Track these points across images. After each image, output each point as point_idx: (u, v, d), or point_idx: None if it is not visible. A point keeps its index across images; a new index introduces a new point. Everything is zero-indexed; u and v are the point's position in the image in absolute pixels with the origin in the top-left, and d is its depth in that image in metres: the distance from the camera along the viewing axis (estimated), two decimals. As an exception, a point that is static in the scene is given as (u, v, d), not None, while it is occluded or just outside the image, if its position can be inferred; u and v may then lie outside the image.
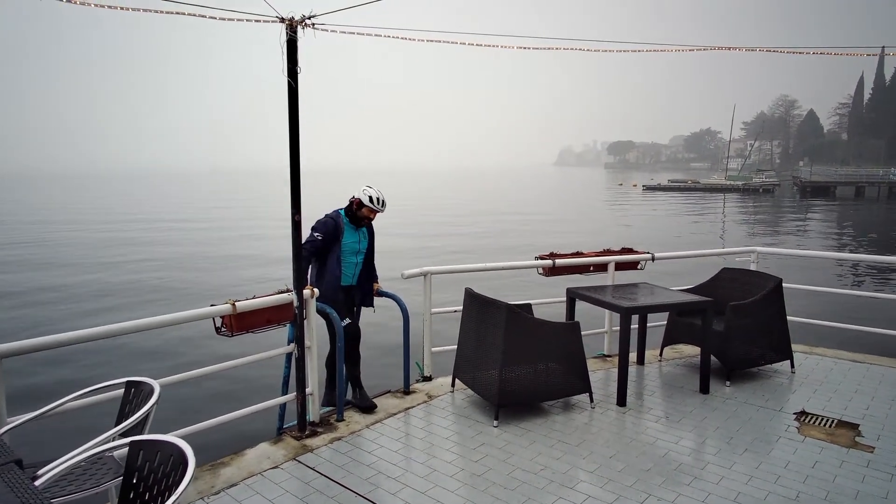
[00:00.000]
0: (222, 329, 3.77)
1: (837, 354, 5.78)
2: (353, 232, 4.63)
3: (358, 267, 4.70)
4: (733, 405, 4.55)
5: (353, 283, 4.70)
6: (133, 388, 2.79)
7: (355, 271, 4.69)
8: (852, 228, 33.43)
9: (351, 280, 4.67)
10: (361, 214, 4.58)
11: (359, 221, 4.61)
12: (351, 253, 4.62)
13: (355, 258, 4.67)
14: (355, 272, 4.69)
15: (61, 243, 23.13)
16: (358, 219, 4.60)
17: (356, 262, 4.68)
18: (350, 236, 4.61)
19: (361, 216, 4.59)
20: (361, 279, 4.74)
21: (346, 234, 4.58)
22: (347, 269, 4.62)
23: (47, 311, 12.44)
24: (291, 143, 3.76)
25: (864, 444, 3.89)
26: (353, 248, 4.63)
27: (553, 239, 24.20)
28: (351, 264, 4.64)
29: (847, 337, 6.25)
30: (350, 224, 4.61)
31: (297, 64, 3.67)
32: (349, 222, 4.60)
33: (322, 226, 4.54)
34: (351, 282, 4.67)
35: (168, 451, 2.12)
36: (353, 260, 4.66)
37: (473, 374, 4.50)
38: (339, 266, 4.55)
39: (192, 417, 3.79)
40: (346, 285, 4.64)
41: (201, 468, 3.55)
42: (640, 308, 4.65)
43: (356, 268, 4.69)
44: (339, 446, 3.90)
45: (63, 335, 3.05)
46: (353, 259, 4.66)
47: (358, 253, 4.67)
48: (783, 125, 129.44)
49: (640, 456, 3.73)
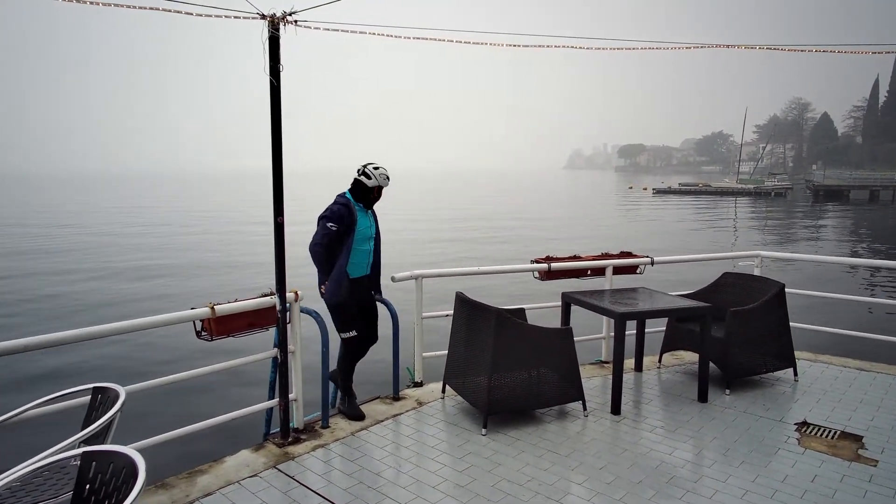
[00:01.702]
0: (203, 333, 3.69)
1: (844, 362, 5.60)
2: (366, 217, 4.31)
3: (370, 255, 4.38)
4: (732, 415, 4.40)
5: (367, 273, 4.38)
6: (100, 395, 2.71)
7: (368, 259, 4.36)
8: (866, 232, 32.96)
9: (365, 269, 4.35)
10: (373, 193, 4.27)
11: (370, 202, 4.31)
12: (364, 239, 4.28)
13: (368, 245, 4.33)
14: (368, 260, 4.36)
15: (68, 248, 23.27)
16: (370, 200, 4.29)
17: (368, 250, 4.34)
18: (363, 221, 4.26)
19: (372, 195, 4.27)
20: (374, 268, 4.46)
21: (360, 220, 4.23)
22: (360, 257, 4.27)
23: (50, 309, 12.48)
24: (274, 143, 3.67)
25: (867, 457, 3.73)
26: (366, 234, 4.28)
27: (558, 242, 24.04)
28: (364, 252, 4.30)
29: (855, 344, 6.06)
30: (362, 208, 4.28)
31: (280, 62, 3.59)
32: (361, 206, 4.28)
33: (335, 215, 4.14)
34: (364, 271, 4.35)
35: (121, 462, 2.03)
36: (367, 247, 4.32)
37: (463, 380, 4.39)
38: (347, 256, 4.17)
39: (174, 422, 3.72)
40: (358, 276, 4.31)
41: (178, 476, 3.47)
42: (635, 314, 4.51)
43: (369, 255, 4.36)
44: (321, 454, 3.80)
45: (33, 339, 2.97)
46: (367, 246, 4.32)
47: (370, 239, 4.35)
48: (796, 128, 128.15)
49: (631, 467, 3.60)
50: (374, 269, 4.47)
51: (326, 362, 4.16)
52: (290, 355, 4.01)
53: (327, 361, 4.15)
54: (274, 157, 3.68)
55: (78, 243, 23.68)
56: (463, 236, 26.48)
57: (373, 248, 4.40)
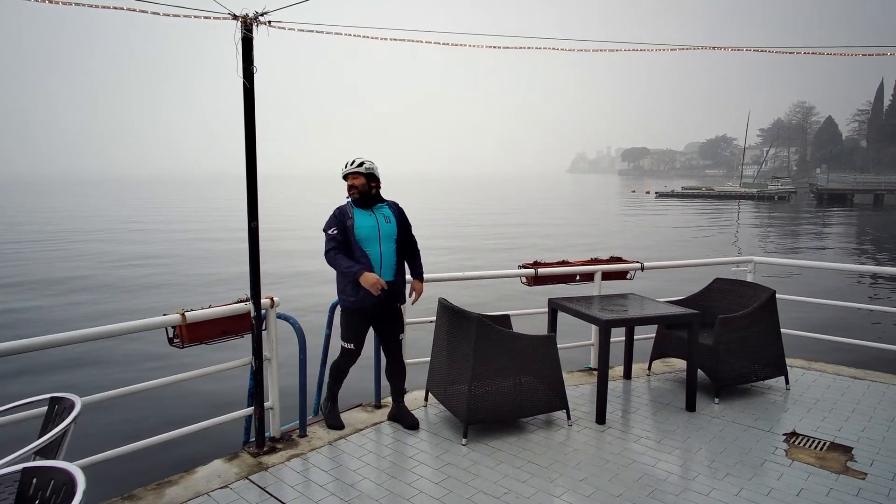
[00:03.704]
0: (175, 340, 3.62)
1: (838, 370, 5.49)
2: (367, 216, 4.02)
3: (386, 257, 4.02)
4: (719, 424, 4.29)
5: (388, 278, 4.03)
6: (56, 405, 2.63)
7: (381, 262, 4.01)
8: (868, 237, 32.73)
9: (378, 273, 3.96)
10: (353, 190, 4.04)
11: (367, 201, 4.05)
12: (368, 240, 3.98)
13: (378, 246, 3.99)
14: (382, 263, 4.01)
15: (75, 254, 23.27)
16: (364, 199, 4.04)
17: (379, 252, 4.00)
18: (363, 220, 4.00)
19: (355, 192, 4.03)
20: (399, 273, 4.11)
21: (358, 219, 3.99)
22: (366, 260, 3.97)
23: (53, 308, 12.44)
24: (248, 147, 3.60)
25: (855, 469, 3.62)
26: (369, 234, 3.98)
27: (554, 246, 23.92)
28: (373, 255, 3.98)
29: (850, 352, 5.95)
30: (360, 208, 4.05)
31: (253, 63, 3.52)
32: (358, 206, 4.06)
33: (332, 220, 4.02)
34: (379, 276, 3.97)
35: (62, 478, 1.95)
36: (376, 249, 3.99)
37: (445, 388, 4.30)
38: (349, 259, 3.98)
39: (152, 430, 3.64)
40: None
41: (146, 487, 3.38)
42: (619, 321, 4.41)
43: (380, 259, 4.00)
44: (296, 464, 3.71)
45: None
46: (375, 248, 3.99)
47: (380, 239, 4.00)
48: (801, 132, 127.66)
49: (612, 479, 3.50)
50: (397, 275, 4.12)
51: (304, 370, 4.07)
52: (265, 363, 3.93)
53: (305, 369, 4.06)
54: (248, 161, 3.61)
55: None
56: (463, 242, 26.40)
57: (389, 251, 4.04)
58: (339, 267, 3.98)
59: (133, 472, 4.27)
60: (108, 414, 6.62)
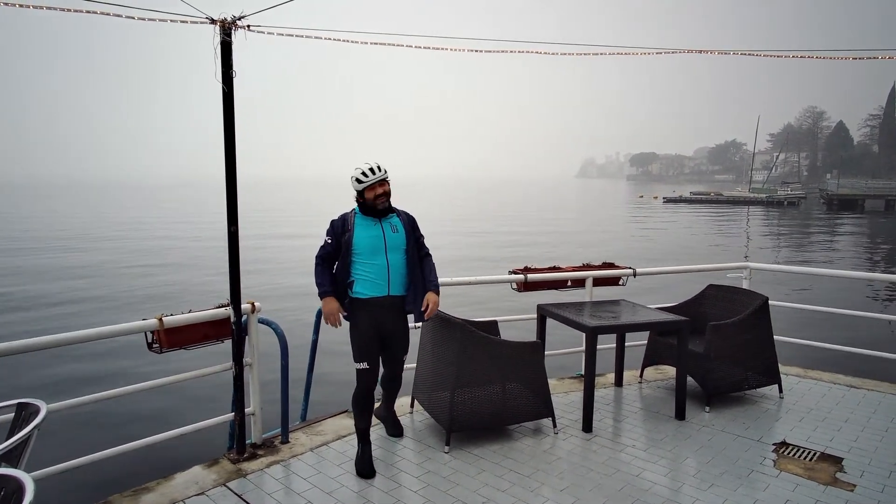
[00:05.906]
0: (154, 345, 3.60)
1: (834, 378, 5.39)
2: (371, 225, 3.62)
3: (395, 270, 3.63)
4: (709, 433, 4.22)
5: (390, 294, 3.62)
6: (23, 410, 2.61)
7: (388, 276, 3.61)
8: (876, 242, 32.36)
9: (384, 288, 3.60)
10: (370, 198, 3.60)
11: (376, 210, 3.62)
12: (372, 252, 3.58)
13: (384, 258, 3.60)
14: (388, 277, 3.61)
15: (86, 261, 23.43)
16: (374, 207, 3.61)
17: (385, 265, 3.60)
18: (365, 230, 3.60)
19: (371, 201, 3.60)
20: (411, 287, 3.70)
21: (359, 229, 3.60)
22: (373, 272, 3.58)
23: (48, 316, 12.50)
24: (227, 151, 3.59)
25: (844, 480, 3.54)
26: (373, 246, 3.58)
27: (555, 251, 23.82)
28: (377, 267, 3.58)
29: (847, 360, 5.85)
30: (365, 217, 3.65)
31: (232, 68, 3.50)
32: (363, 215, 3.66)
33: (331, 227, 3.67)
34: (384, 291, 3.60)
35: (13, 486, 1.92)
36: (381, 261, 3.59)
37: (429, 395, 4.25)
38: (347, 271, 3.61)
39: (134, 435, 3.63)
40: (373, 296, 3.60)
41: (122, 493, 3.36)
42: (606, 327, 4.35)
43: (387, 271, 3.61)
44: (276, 471, 3.68)
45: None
46: (381, 260, 3.59)
47: (386, 251, 3.60)
48: (811, 137, 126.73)
49: (594, 489, 3.44)
50: (410, 290, 3.71)
51: (286, 376, 4.04)
52: (246, 368, 3.91)
53: (287, 375, 4.03)
54: (227, 165, 3.59)
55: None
56: (462, 252, 26.35)
57: (398, 262, 3.65)
58: (315, 278, 3.72)
59: (114, 477, 4.25)
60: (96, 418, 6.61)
